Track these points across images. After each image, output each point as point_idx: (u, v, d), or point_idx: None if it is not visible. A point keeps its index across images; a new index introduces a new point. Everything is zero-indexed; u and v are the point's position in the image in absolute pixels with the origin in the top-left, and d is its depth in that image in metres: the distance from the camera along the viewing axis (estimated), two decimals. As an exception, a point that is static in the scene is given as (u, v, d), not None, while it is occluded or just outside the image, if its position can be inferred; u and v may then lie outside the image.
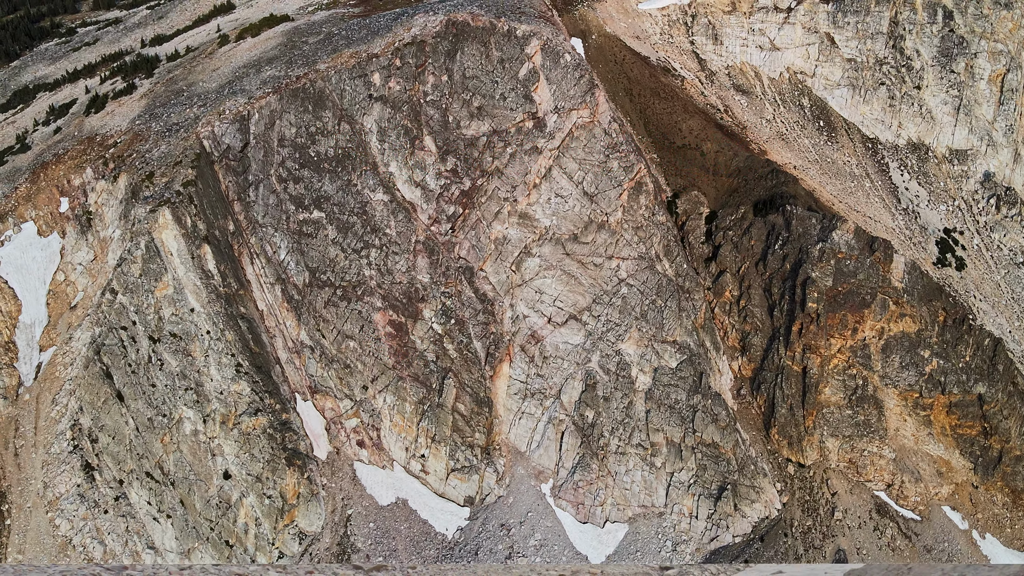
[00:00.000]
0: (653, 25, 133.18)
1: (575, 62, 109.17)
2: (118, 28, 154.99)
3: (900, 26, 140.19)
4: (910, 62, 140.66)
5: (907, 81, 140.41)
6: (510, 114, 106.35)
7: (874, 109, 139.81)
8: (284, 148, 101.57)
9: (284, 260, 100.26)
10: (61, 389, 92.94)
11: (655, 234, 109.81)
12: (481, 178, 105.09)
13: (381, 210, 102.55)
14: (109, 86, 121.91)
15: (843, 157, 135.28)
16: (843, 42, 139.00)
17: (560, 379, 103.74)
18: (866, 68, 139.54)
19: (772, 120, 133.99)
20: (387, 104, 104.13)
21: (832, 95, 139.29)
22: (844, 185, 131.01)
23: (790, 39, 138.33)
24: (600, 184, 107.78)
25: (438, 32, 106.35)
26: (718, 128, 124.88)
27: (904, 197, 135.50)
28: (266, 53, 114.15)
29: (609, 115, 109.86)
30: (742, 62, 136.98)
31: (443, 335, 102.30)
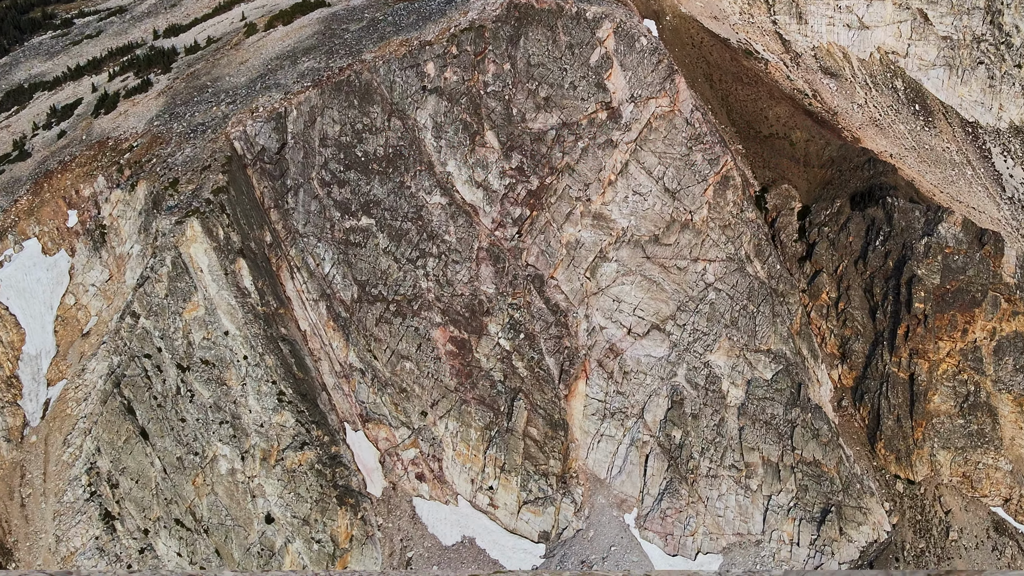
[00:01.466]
0: (731, 4, 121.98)
1: (652, 46, 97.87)
2: (124, 18, 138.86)
3: (997, 0, 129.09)
4: (1009, 39, 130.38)
5: (1007, 59, 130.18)
6: (581, 104, 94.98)
7: (973, 90, 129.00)
8: (327, 148, 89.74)
9: (329, 273, 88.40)
10: (74, 428, 79.71)
11: (744, 233, 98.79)
12: (550, 176, 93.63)
13: (439, 214, 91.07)
14: (120, 83, 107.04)
15: (942, 143, 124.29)
16: (937, 19, 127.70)
17: (643, 396, 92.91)
18: (963, 46, 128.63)
19: (864, 105, 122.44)
20: (443, 96, 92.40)
21: (927, 76, 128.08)
22: (944, 173, 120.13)
23: (880, 16, 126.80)
24: (683, 179, 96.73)
25: (499, 16, 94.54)
26: (807, 115, 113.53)
27: (1009, 185, 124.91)
28: (301, 43, 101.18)
29: (691, 103, 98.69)
30: (829, 42, 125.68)
31: (511, 352, 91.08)
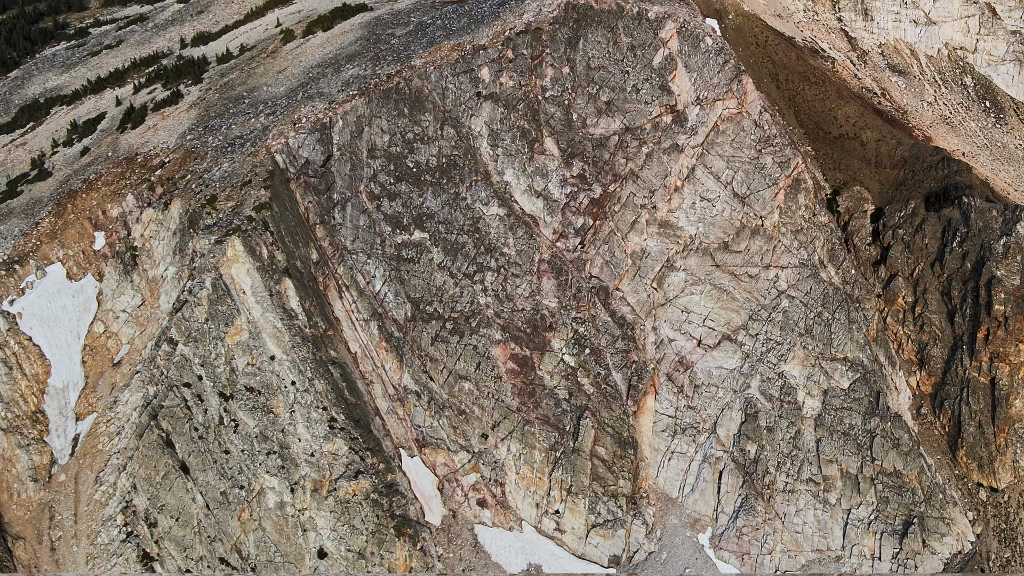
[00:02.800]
0: (795, 1, 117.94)
1: (717, 46, 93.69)
2: (145, 26, 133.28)
3: None
4: None
5: None
6: (645, 108, 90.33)
7: None
8: (376, 159, 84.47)
9: (380, 291, 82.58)
10: (107, 465, 73.32)
11: (817, 237, 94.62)
12: (613, 183, 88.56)
13: (497, 226, 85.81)
14: (147, 95, 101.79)
15: (1014, 140, 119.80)
16: (1005, 12, 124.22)
17: (715, 410, 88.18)
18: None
19: (934, 103, 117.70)
20: (499, 103, 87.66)
21: (997, 72, 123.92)
22: (1019, 171, 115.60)
23: (947, 11, 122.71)
24: (752, 183, 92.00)
25: (556, 17, 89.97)
26: (877, 114, 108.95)
27: None
28: (344, 49, 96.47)
29: (759, 105, 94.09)
30: (896, 39, 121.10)
31: (576, 368, 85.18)
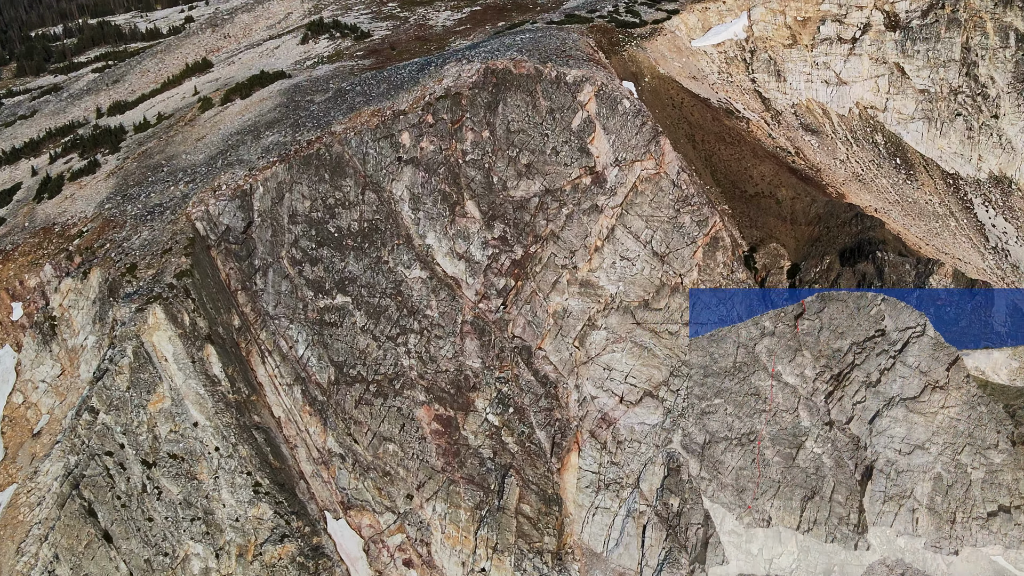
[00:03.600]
0: (710, 63, 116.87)
1: (635, 108, 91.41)
2: (60, 96, 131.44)
3: (972, 52, 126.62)
4: (985, 90, 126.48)
5: (984, 110, 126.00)
6: (564, 170, 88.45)
7: (952, 142, 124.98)
8: (297, 225, 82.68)
9: (303, 356, 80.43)
10: (28, 535, 69.73)
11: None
12: (534, 244, 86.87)
13: (419, 289, 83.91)
14: (63, 165, 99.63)
15: (924, 196, 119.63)
16: (914, 72, 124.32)
17: (638, 465, 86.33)
18: (940, 99, 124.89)
19: (846, 160, 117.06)
20: (420, 167, 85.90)
21: (907, 130, 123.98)
22: (929, 226, 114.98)
23: (857, 72, 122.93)
24: (671, 242, 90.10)
25: (475, 82, 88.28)
26: (791, 172, 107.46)
27: (992, 235, 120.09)
28: (263, 116, 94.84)
29: (677, 165, 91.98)
30: (808, 99, 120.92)
31: (500, 427, 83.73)
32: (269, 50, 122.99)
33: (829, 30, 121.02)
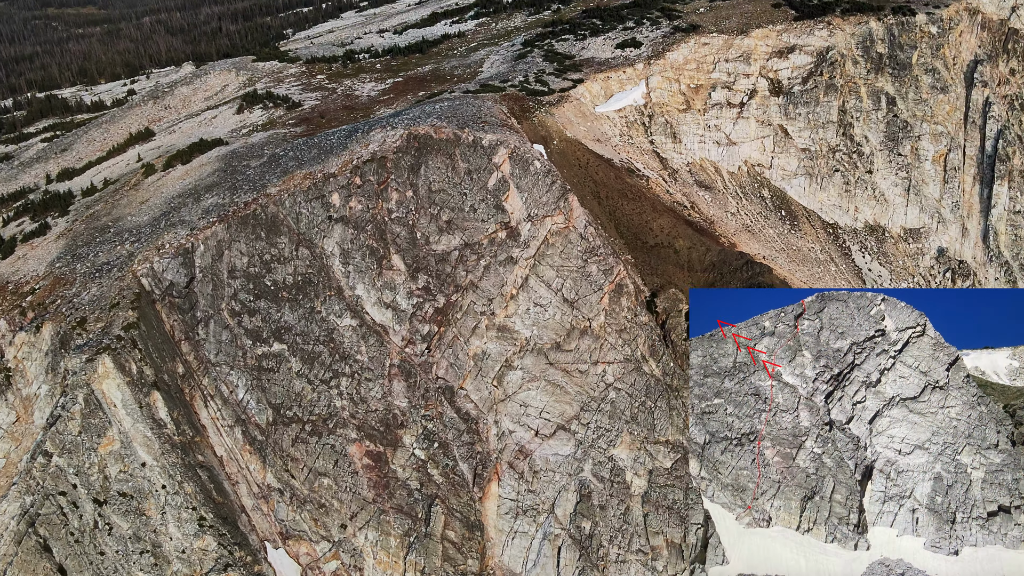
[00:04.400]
0: (612, 127, 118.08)
1: (545, 168, 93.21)
2: (11, 164, 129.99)
3: (848, 114, 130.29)
4: (860, 148, 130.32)
5: (859, 166, 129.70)
6: (481, 226, 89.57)
7: (831, 195, 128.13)
8: (236, 280, 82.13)
9: (243, 399, 80.00)
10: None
11: (639, 335, 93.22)
12: (455, 294, 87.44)
13: (350, 336, 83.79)
14: (15, 228, 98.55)
15: (807, 244, 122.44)
16: (796, 132, 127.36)
17: (553, 492, 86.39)
18: (820, 156, 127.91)
19: (737, 213, 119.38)
20: (349, 225, 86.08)
21: (790, 184, 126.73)
22: (812, 271, 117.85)
23: (745, 133, 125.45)
24: (580, 290, 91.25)
25: (399, 147, 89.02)
26: (688, 224, 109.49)
27: (868, 278, 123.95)
28: (203, 180, 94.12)
29: (584, 219, 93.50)
30: (701, 158, 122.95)
31: (426, 460, 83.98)
32: (207, 119, 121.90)
33: (719, 96, 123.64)
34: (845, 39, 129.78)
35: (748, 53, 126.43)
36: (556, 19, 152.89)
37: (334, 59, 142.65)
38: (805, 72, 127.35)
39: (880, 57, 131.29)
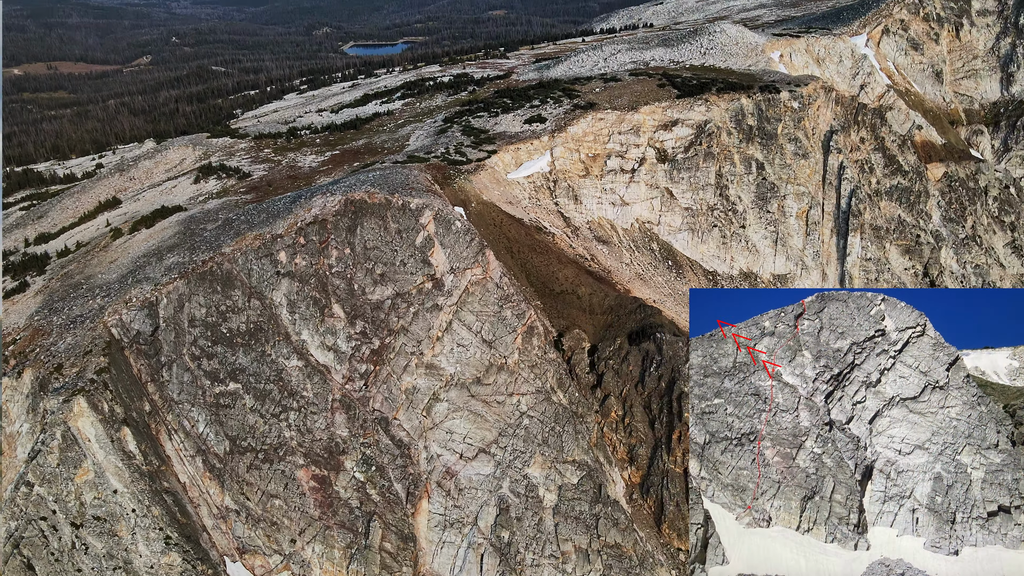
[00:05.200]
0: (522, 191, 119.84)
1: (465, 227, 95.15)
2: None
3: (724, 178, 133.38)
4: (735, 206, 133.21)
5: (734, 222, 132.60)
6: (411, 278, 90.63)
7: (711, 247, 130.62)
8: (195, 328, 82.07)
9: (203, 432, 79.77)
10: None
11: (548, 370, 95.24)
12: (389, 337, 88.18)
13: (297, 375, 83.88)
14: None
15: (691, 288, 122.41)
16: (680, 194, 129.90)
17: (476, 507, 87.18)
18: (701, 214, 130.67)
19: (630, 263, 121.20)
20: (295, 279, 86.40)
21: (675, 239, 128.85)
22: None
23: (636, 195, 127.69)
24: (497, 331, 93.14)
25: (338, 210, 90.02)
26: (588, 274, 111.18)
27: None
28: (165, 242, 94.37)
29: (499, 271, 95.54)
30: (599, 217, 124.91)
31: (365, 482, 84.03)
32: (168, 189, 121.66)
33: (614, 163, 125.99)
34: (720, 114, 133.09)
35: (638, 126, 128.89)
36: (472, 99, 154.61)
37: (279, 135, 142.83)
38: (687, 142, 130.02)
39: (750, 128, 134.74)
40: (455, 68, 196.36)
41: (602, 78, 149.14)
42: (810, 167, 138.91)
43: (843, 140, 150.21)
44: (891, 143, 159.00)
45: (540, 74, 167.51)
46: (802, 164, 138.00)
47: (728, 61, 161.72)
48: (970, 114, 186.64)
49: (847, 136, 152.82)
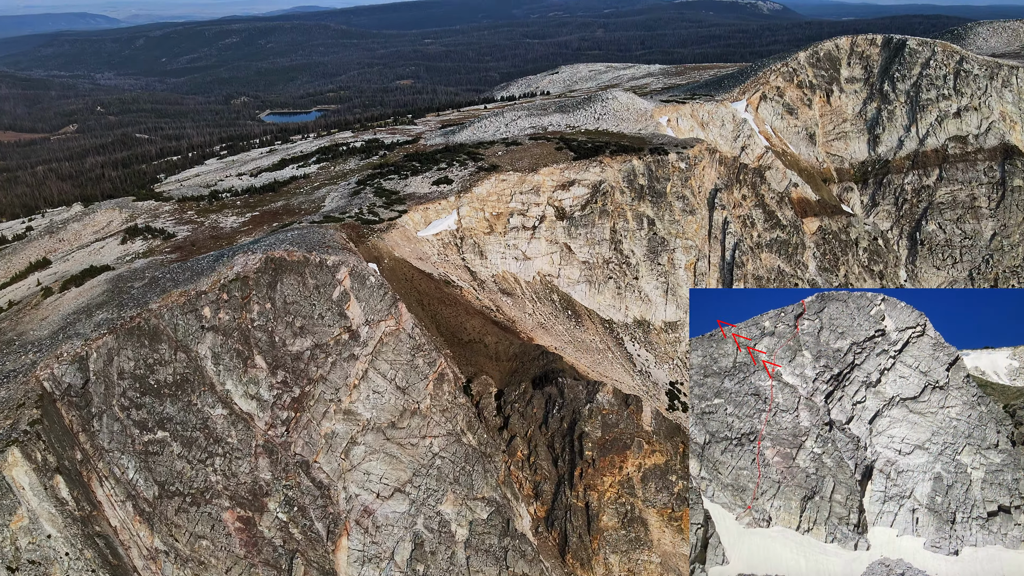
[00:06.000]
0: (431, 248, 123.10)
1: (378, 282, 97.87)
2: None
3: (618, 233, 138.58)
4: (628, 259, 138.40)
5: (627, 274, 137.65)
6: (328, 330, 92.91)
7: (607, 297, 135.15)
8: (124, 380, 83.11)
9: (133, 478, 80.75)
10: None
11: (458, 414, 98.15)
12: (308, 385, 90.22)
13: (222, 423, 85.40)
14: None
15: (589, 336, 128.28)
16: (578, 249, 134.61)
17: (392, 543, 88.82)
18: (597, 267, 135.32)
19: (533, 313, 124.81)
20: (219, 332, 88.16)
21: (574, 290, 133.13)
22: (593, 358, 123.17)
23: (538, 250, 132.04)
24: (409, 379, 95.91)
25: (259, 268, 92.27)
26: (494, 324, 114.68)
27: (638, 362, 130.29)
28: (94, 300, 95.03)
29: (411, 322, 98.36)
30: (503, 271, 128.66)
31: (288, 522, 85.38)
32: (96, 249, 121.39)
33: (516, 221, 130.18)
34: (614, 174, 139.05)
35: (538, 187, 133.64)
36: (383, 162, 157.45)
37: (201, 198, 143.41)
38: (583, 201, 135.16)
39: (642, 188, 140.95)
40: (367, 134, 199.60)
41: (504, 142, 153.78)
42: (697, 222, 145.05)
43: (726, 197, 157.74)
44: (770, 200, 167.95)
45: (446, 139, 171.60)
46: (689, 220, 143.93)
47: (620, 126, 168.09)
48: (841, 172, 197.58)
49: (730, 193, 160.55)
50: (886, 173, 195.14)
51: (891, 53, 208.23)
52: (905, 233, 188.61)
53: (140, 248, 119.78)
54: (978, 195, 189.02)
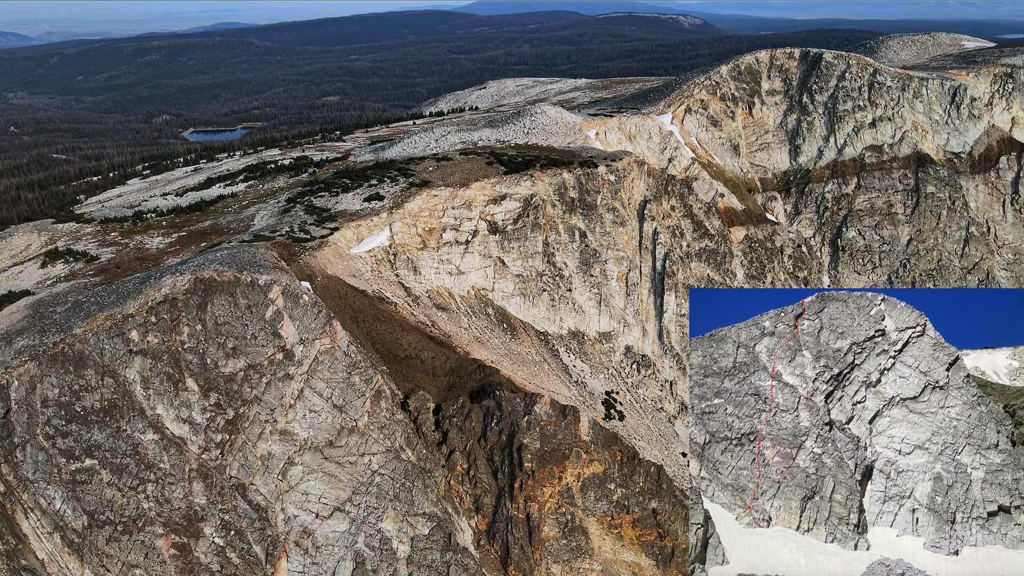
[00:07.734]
0: (364, 264, 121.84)
1: (312, 301, 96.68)
2: None
3: (550, 246, 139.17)
4: (561, 272, 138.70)
5: (561, 286, 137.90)
6: (262, 350, 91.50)
7: (541, 310, 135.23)
8: (48, 408, 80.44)
9: (60, 509, 78.13)
10: None
11: (396, 430, 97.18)
12: (243, 407, 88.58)
13: (153, 448, 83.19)
14: None
15: (525, 349, 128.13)
16: (511, 262, 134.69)
17: (333, 563, 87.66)
18: (531, 280, 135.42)
19: (468, 328, 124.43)
20: (147, 356, 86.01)
21: (509, 303, 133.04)
22: (530, 370, 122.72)
23: (471, 264, 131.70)
24: (346, 397, 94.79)
25: (188, 289, 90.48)
26: (430, 339, 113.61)
27: (574, 372, 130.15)
28: (13, 326, 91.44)
29: (346, 340, 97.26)
30: (438, 286, 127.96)
31: (225, 546, 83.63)
32: (14, 274, 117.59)
33: (449, 236, 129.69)
34: (545, 188, 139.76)
35: (470, 201, 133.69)
36: (313, 180, 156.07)
37: (125, 219, 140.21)
38: (515, 214, 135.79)
39: (573, 200, 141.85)
40: (295, 151, 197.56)
41: (435, 158, 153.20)
42: (627, 234, 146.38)
43: (656, 208, 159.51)
44: (698, 210, 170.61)
45: (376, 155, 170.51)
46: (620, 231, 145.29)
47: (549, 140, 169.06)
48: (765, 182, 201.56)
49: (659, 205, 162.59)
50: (807, 182, 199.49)
51: (808, 66, 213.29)
52: (827, 240, 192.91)
53: (61, 272, 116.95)
54: (894, 202, 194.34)
